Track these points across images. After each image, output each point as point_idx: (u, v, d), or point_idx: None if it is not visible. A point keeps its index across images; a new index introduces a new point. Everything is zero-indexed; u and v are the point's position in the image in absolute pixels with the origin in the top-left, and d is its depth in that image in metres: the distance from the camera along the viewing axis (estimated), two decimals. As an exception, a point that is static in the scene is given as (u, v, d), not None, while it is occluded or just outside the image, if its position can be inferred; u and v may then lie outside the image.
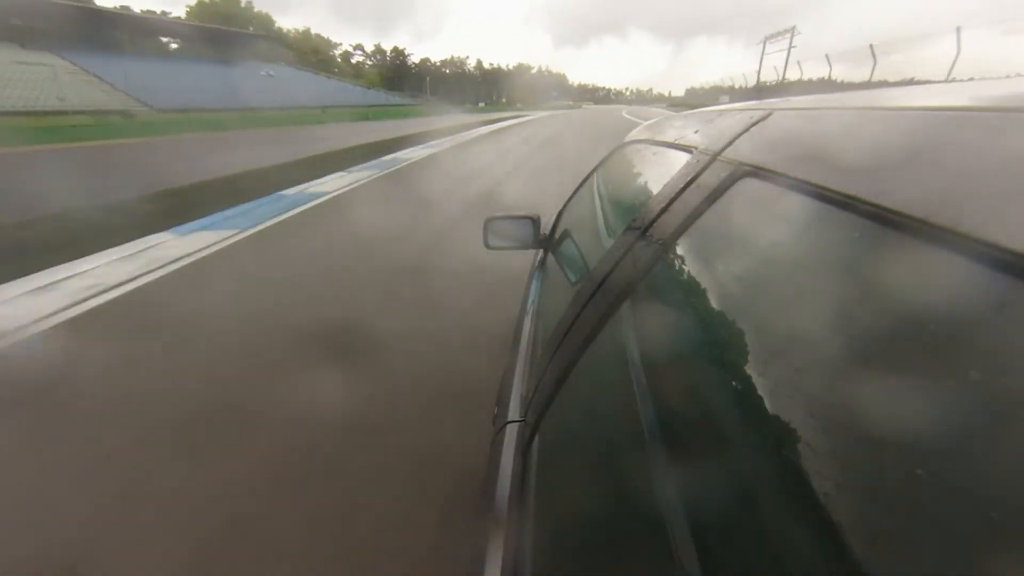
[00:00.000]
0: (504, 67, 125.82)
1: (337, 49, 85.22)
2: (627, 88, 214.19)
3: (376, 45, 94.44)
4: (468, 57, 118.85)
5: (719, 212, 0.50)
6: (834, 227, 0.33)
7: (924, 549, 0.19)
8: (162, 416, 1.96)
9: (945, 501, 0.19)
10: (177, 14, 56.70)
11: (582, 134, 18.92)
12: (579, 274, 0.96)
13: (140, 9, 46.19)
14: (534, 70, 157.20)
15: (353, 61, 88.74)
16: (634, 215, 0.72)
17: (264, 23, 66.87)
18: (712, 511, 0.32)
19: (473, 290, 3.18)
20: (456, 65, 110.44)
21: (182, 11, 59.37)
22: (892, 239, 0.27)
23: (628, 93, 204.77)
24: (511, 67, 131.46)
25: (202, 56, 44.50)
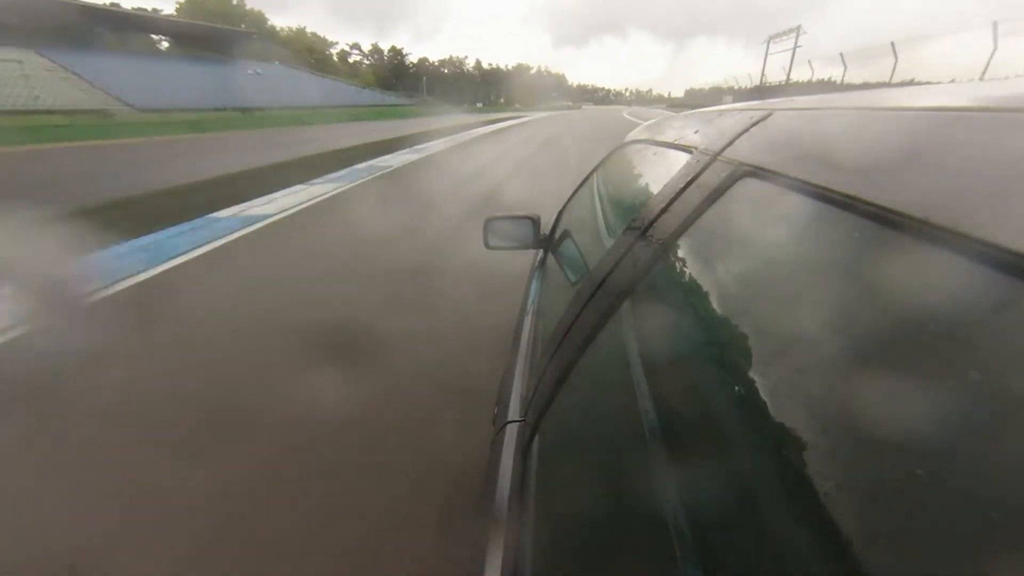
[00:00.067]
0: (503, 67, 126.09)
1: (334, 48, 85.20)
2: (626, 89, 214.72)
3: (373, 44, 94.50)
4: (467, 57, 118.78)
5: (719, 212, 0.50)
6: (834, 227, 0.33)
7: (924, 549, 0.19)
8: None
9: (945, 501, 0.19)
10: (168, 12, 55.54)
11: (583, 137, 18.39)
12: (579, 274, 0.96)
13: (130, 7, 44.51)
14: (533, 70, 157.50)
15: (350, 60, 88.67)
16: (634, 215, 0.72)
17: (256, 21, 66.36)
18: (712, 511, 0.32)
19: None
20: (455, 65, 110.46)
21: (172, 8, 58.52)
22: (892, 239, 0.27)
23: (627, 94, 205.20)
24: (510, 67, 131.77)
25: (189, 54, 43.39)
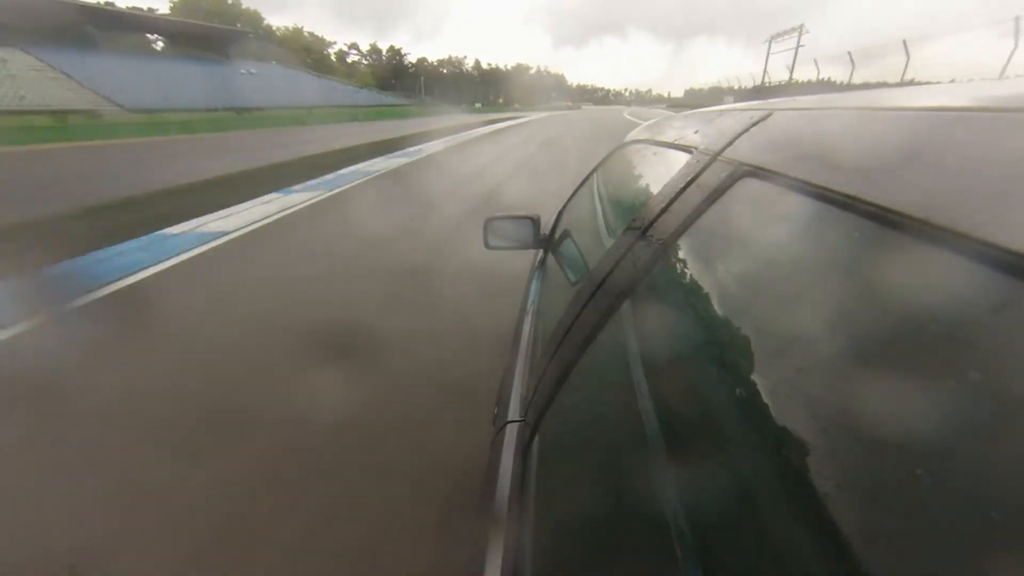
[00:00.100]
0: (502, 67, 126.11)
1: (332, 48, 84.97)
2: (626, 89, 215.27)
3: (372, 44, 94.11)
4: (466, 57, 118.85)
5: (719, 212, 0.50)
6: (834, 227, 0.33)
7: (924, 549, 0.19)
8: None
9: (945, 501, 0.19)
10: (163, 11, 54.95)
11: (583, 137, 18.03)
12: (579, 274, 0.96)
13: (124, 5, 43.36)
14: (532, 70, 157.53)
15: (349, 60, 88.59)
16: (634, 215, 0.72)
17: (252, 20, 66.03)
18: (712, 511, 0.32)
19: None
20: (453, 65, 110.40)
21: (167, 7, 57.91)
22: (892, 239, 0.27)
23: (627, 94, 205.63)
24: (509, 67, 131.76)
25: (183, 54, 42.82)
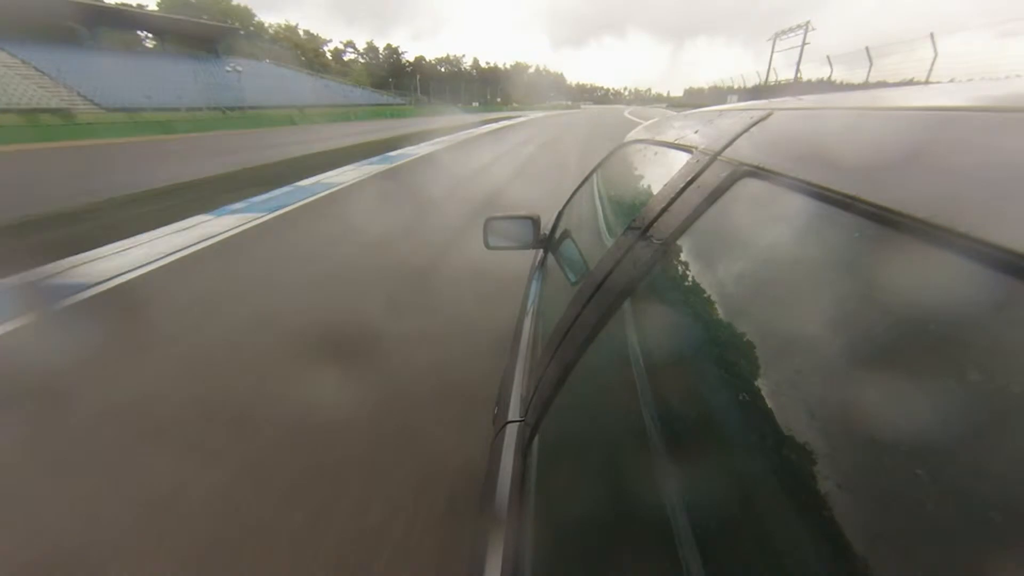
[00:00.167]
0: (501, 66, 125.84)
1: (328, 46, 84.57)
2: (625, 88, 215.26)
3: (368, 42, 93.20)
4: (464, 56, 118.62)
5: (719, 212, 0.50)
6: (834, 227, 0.33)
7: (924, 549, 0.19)
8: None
9: (945, 501, 0.19)
10: (152, 8, 53.81)
11: (583, 138, 17.33)
12: (579, 274, 0.96)
13: (113, 2, 41.31)
14: (531, 69, 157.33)
15: (345, 59, 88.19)
16: (634, 215, 0.72)
17: (243, 17, 65.41)
18: (712, 511, 0.32)
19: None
20: (451, 64, 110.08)
21: (155, 3, 56.74)
22: (892, 239, 0.27)
23: (626, 93, 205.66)
24: (508, 66, 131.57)
25: (168, 51, 41.94)
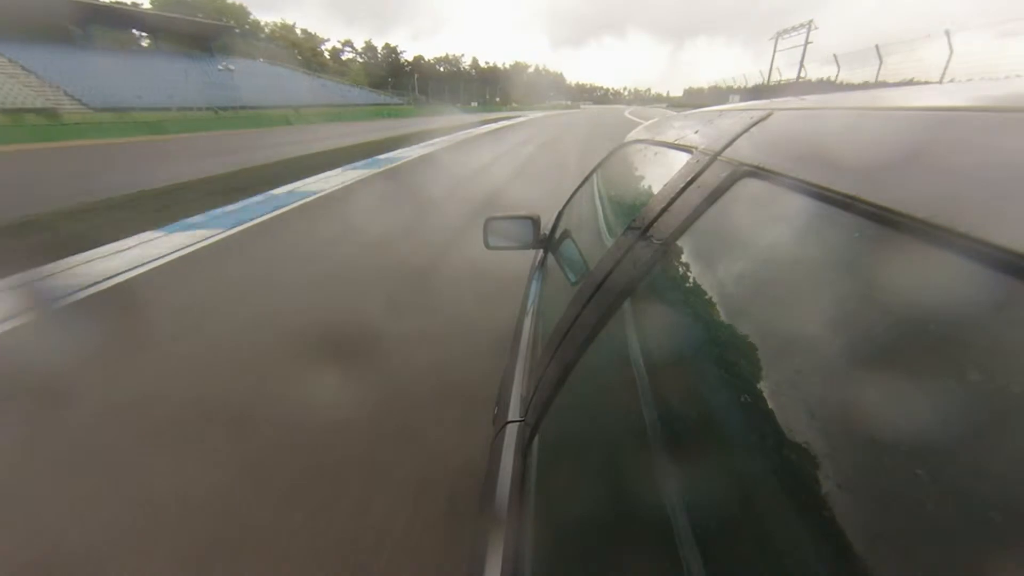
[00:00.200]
0: (500, 66, 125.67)
1: (326, 45, 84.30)
2: (625, 88, 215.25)
3: (367, 42, 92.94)
4: (463, 55, 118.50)
5: (719, 212, 0.50)
6: (834, 227, 0.33)
7: (924, 549, 0.19)
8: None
9: (945, 501, 0.19)
10: (146, 5, 52.57)
11: (583, 138, 16.95)
12: (579, 274, 0.96)
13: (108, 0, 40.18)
14: (531, 69, 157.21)
15: (343, 58, 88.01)
16: (634, 215, 0.72)
17: (238, 15, 65.08)
18: (712, 511, 0.32)
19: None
20: (451, 63, 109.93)
21: (149, 2, 55.57)
22: (892, 239, 0.27)
23: (626, 93, 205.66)
24: (507, 66, 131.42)
25: (163, 50, 41.54)
